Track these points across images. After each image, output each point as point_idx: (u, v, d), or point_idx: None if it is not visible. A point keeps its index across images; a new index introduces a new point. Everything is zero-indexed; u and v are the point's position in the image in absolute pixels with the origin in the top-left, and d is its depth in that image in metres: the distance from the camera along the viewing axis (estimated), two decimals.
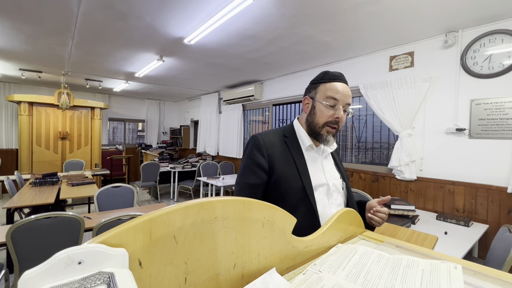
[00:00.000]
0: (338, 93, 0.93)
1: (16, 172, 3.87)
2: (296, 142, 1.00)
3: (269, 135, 0.99)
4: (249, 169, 0.95)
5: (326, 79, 0.96)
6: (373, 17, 2.24)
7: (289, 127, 1.05)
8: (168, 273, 0.38)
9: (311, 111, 0.98)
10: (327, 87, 0.95)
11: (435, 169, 2.62)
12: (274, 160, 0.94)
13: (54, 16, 2.39)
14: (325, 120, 0.94)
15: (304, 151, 0.99)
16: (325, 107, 0.94)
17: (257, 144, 0.95)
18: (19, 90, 5.67)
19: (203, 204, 0.42)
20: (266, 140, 0.96)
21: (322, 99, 0.94)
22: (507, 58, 2.17)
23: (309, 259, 0.62)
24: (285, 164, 0.94)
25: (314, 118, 0.96)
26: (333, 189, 0.98)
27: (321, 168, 1.00)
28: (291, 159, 0.95)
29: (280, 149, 0.97)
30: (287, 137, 1.00)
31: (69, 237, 1.82)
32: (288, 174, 0.93)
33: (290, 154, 0.96)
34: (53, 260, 0.29)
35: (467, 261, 0.60)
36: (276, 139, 0.98)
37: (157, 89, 5.93)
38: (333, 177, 1.01)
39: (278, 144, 0.97)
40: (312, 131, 0.98)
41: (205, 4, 2.10)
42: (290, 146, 0.98)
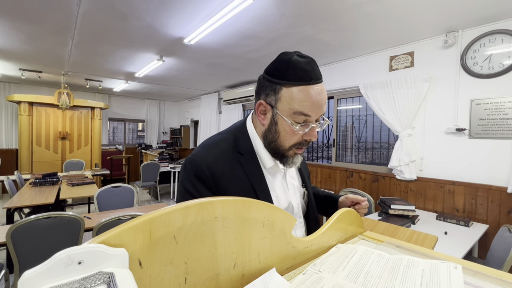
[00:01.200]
0: (312, 105, 0.64)
1: (16, 172, 3.87)
2: (254, 161, 0.73)
3: (215, 155, 0.70)
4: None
5: (291, 78, 0.65)
6: (373, 17, 2.24)
7: (242, 137, 0.75)
8: (168, 273, 0.38)
9: (270, 126, 0.70)
10: (293, 94, 0.65)
11: (435, 169, 2.62)
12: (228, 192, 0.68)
13: (54, 16, 2.39)
14: (291, 143, 0.70)
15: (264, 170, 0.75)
16: (290, 126, 0.67)
17: (200, 176, 0.67)
18: (19, 90, 5.67)
19: (203, 204, 0.42)
20: (213, 167, 0.67)
21: (286, 114, 0.66)
22: (507, 58, 2.17)
23: (309, 259, 0.62)
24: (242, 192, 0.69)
25: (277, 139, 0.70)
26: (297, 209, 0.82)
27: (286, 186, 0.80)
28: (248, 183, 0.70)
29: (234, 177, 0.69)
30: (242, 154, 0.72)
31: (69, 237, 1.83)
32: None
33: (248, 181, 0.70)
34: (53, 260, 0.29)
35: (467, 261, 0.60)
36: (226, 162, 0.70)
37: (157, 89, 5.93)
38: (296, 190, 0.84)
39: (231, 170, 0.69)
40: (274, 152, 0.73)
41: (205, 4, 2.10)
42: (246, 167, 0.71)
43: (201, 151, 0.71)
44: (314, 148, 4.20)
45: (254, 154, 0.74)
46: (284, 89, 0.65)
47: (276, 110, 0.68)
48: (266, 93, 0.69)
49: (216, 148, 0.72)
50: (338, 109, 3.65)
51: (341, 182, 3.49)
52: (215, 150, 0.71)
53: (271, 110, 0.69)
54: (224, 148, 0.72)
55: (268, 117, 0.70)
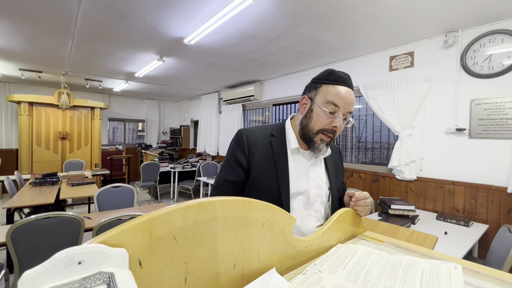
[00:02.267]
0: (341, 99, 0.83)
1: (16, 172, 3.87)
2: (283, 143, 0.91)
3: (255, 132, 0.92)
4: (228, 165, 0.90)
5: (330, 80, 0.85)
6: (373, 17, 2.24)
7: (280, 126, 0.96)
8: (168, 273, 0.38)
9: (307, 113, 0.88)
10: (329, 90, 0.84)
11: (435, 169, 2.62)
12: (255, 160, 0.87)
13: (54, 16, 2.39)
14: (320, 126, 0.85)
15: (290, 153, 0.90)
16: (323, 112, 0.84)
17: (239, 141, 0.89)
18: (19, 90, 5.67)
19: (203, 204, 0.42)
20: (250, 136, 0.89)
21: (321, 103, 0.84)
22: (507, 58, 2.17)
23: (309, 259, 0.62)
24: (264, 165, 0.87)
25: (309, 123, 0.87)
26: (315, 199, 0.90)
27: (305, 174, 0.90)
28: (272, 160, 0.87)
29: (263, 148, 0.89)
30: (275, 136, 0.92)
31: (69, 237, 1.82)
32: (266, 177, 0.86)
33: (272, 155, 0.88)
34: (53, 260, 0.29)
35: (467, 261, 0.60)
36: (261, 137, 0.91)
37: (157, 89, 5.93)
38: (317, 185, 0.92)
39: (262, 143, 0.90)
40: (304, 136, 0.89)
41: (205, 4, 2.10)
42: (275, 146, 0.90)
43: (247, 128, 0.93)
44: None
45: (284, 138, 0.92)
46: (323, 86, 0.86)
47: (314, 101, 0.87)
48: (309, 91, 0.90)
49: (258, 129, 0.94)
50: None
51: None
52: (256, 129, 0.93)
53: (310, 102, 0.88)
54: (263, 130, 0.93)
55: (307, 107, 0.89)
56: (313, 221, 0.89)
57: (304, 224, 0.87)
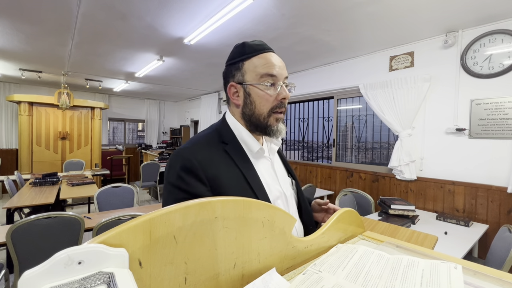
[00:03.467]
0: (273, 66, 0.71)
1: (16, 172, 3.87)
2: (240, 149, 0.73)
3: (201, 147, 0.69)
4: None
5: (248, 52, 0.72)
6: (373, 17, 2.24)
7: (224, 128, 0.76)
8: (168, 273, 0.38)
9: (245, 100, 0.73)
10: (255, 63, 0.71)
11: (435, 169, 2.62)
12: (220, 184, 0.65)
13: (54, 16, 2.39)
14: (269, 106, 0.72)
15: (252, 158, 0.74)
16: (263, 89, 0.71)
17: (188, 167, 0.63)
18: (19, 90, 5.68)
19: (203, 204, 0.42)
20: (200, 157, 0.65)
21: (255, 80, 0.71)
22: (507, 58, 2.17)
23: (309, 259, 0.62)
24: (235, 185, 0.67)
25: (254, 109, 0.72)
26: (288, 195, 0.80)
27: (274, 175, 0.79)
28: (239, 173, 0.69)
29: (223, 164, 0.68)
30: (227, 143, 0.72)
31: (69, 237, 1.83)
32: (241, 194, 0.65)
33: (237, 168, 0.69)
34: (53, 260, 0.29)
35: (467, 261, 0.60)
36: (213, 151, 0.69)
37: (157, 89, 5.93)
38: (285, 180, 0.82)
39: (218, 158, 0.69)
40: (256, 126, 0.74)
41: (205, 4, 2.10)
42: (234, 156, 0.70)
43: (185, 145, 0.70)
44: (314, 148, 4.20)
45: (238, 142, 0.74)
46: (245, 62, 0.72)
47: (245, 83, 0.72)
48: (233, 75, 0.74)
49: (201, 141, 0.71)
50: (338, 109, 3.65)
51: (341, 182, 3.49)
52: (199, 142, 0.71)
53: (242, 86, 0.72)
54: (208, 140, 0.72)
55: (241, 94, 0.73)
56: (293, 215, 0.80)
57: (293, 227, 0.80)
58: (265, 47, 0.74)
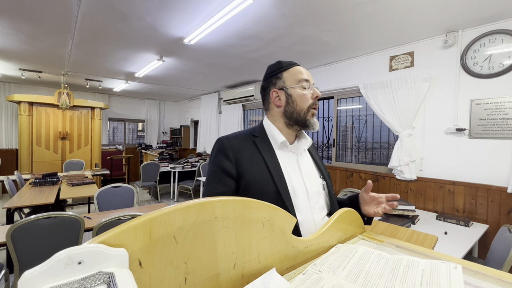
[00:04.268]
0: (305, 73, 0.91)
1: (16, 172, 3.87)
2: (267, 141, 0.90)
3: (235, 137, 0.90)
4: (214, 177, 0.84)
5: (285, 66, 0.92)
6: (373, 17, 2.24)
7: (259, 127, 0.96)
8: (168, 273, 0.38)
9: (287, 101, 0.90)
10: (292, 72, 0.90)
11: (435, 169, 2.62)
12: (243, 164, 0.83)
13: (54, 16, 2.39)
14: (308, 103, 0.89)
15: (277, 150, 0.89)
16: (302, 90, 0.89)
17: (222, 148, 0.85)
18: (19, 90, 5.67)
19: (203, 204, 0.42)
20: (232, 142, 0.87)
21: (295, 84, 0.89)
22: (507, 58, 2.17)
23: (309, 259, 0.62)
24: (255, 167, 0.83)
25: (296, 106, 0.89)
26: (313, 191, 0.88)
27: (297, 168, 0.89)
28: (261, 160, 0.84)
29: (249, 150, 0.86)
30: (257, 136, 0.90)
31: (69, 237, 1.82)
32: (259, 178, 0.82)
33: (260, 155, 0.85)
34: (53, 260, 0.29)
35: (467, 261, 0.60)
36: (243, 140, 0.89)
37: (157, 89, 5.93)
38: (311, 177, 0.91)
39: (246, 146, 0.87)
40: (297, 121, 0.90)
41: (205, 4, 2.10)
42: (260, 146, 0.88)
43: (225, 136, 0.91)
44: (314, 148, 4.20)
45: (267, 136, 0.92)
46: (284, 73, 0.91)
47: (287, 88, 0.90)
48: (274, 84, 0.92)
49: (237, 134, 0.93)
50: (338, 109, 3.65)
51: (341, 182, 3.49)
52: (236, 134, 0.92)
53: (283, 90, 0.90)
54: (243, 134, 0.93)
55: (282, 97, 0.91)
56: (318, 213, 0.86)
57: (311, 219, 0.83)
58: (295, 63, 0.94)
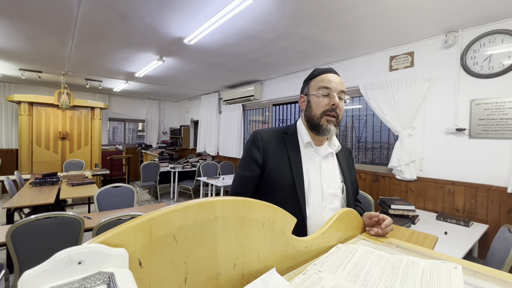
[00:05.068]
0: (329, 82, 0.94)
1: (16, 172, 3.87)
2: (295, 139, 0.99)
3: (269, 131, 1.01)
4: (244, 162, 0.98)
5: (315, 74, 0.99)
6: (373, 17, 2.24)
7: (292, 126, 1.06)
8: (168, 273, 0.38)
9: (307, 105, 0.99)
10: (317, 80, 0.97)
11: (435, 169, 2.62)
12: (269, 155, 0.95)
13: (54, 16, 2.39)
14: (322, 109, 0.94)
15: (302, 148, 0.98)
16: (319, 97, 0.94)
17: (255, 139, 0.97)
18: (19, 90, 5.67)
19: (203, 204, 0.42)
20: (264, 135, 0.98)
21: (314, 91, 0.96)
22: (507, 58, 2.17)
23: (309, 259, 0.62)
24: (279, 159, 0.94)
25: (311, 111, 0.96)
26: (328, 192, 0.93)
27: (318, 168, 0.96)
28: (285, 154, 0.95)
29: (277, 145, 0.97)
30: (287, 134, 1.01)
31: (69, 237, 1.82)
32: (280, 169, 0.92)
33: (285, 149, 0.96)
34: (53, 260, 0.29)
35: (467, 261, 0.60)
36: (275, 136, 1.00)
37: (157, 89, 5.93)
38: (331, 179, 0.96)
39: (276, 140, 0.98)
40: (312, 125, 0.97)
41: (205, 4, 2.10)
42: (288, 142, 0.98)
43: (261, 129, 1.02)
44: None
45: (296, 135, 1.01)
46: (312, 81, 0.99)
47: (308, 94, 0.99)
48: (302, 90, 1.03)
49: (271, 129, 1.04)
50: None
51: None
52: (270, 129, 1.03)
53: (306, 96, 1.00)
54: (277, 130, 1.03)
55: (305, 102, 1.00)
56: (328, 213, 0.91)
57: (319, 216, 0.90)
58: (329, 70, 0.98)
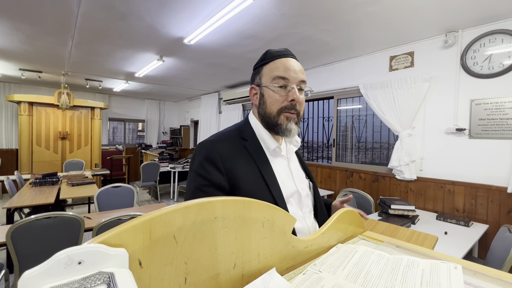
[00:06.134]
0: (287, 69, 0.76)
1: (16, 172, 3.87)
2: (258, 146, 0.80)
3: (222, 141, 0.77)
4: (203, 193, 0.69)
5: (267, 58, 0.80)
6: (373, 17, 2.24)
7: (246, 126, 0.84)
8: (168, 273, 0.38)
9: (260, 100, 0.81)
10: (271, 67, 0.78)
11: (435, 169, 2.62)
12: (237, 175, 0.72)
13: (54, 16, 2.39)
14: (278, 106, 0.77)
15: (269, 156, 0.80)
16: (273, 90, 0.77)
17: (208, 157, 0.72)
18: (19, 90, 5.67)
19: (203, 204, 0.42)
20: (221, 149, 0.73)
21: (268, 82, 0.78)
22: (507, 58, 2.17)
23: (309, 259, 0.62)
24: (250, 179, 0.73)
25: (266, 108, 0.79)
26: (304, 195, 0.84)
27: (290, 173, 0.83)
28: (255, 168, 0.75)
29: (240, 158, 0.75)
30: (246, 140, 0.80)
31: (69, 237, 1.82)
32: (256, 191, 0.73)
33: (254, 163, 0.76)
34: (53, 260, 0.29)
35: (467, 261, 0.60)
36: (233, 146, 0.77)
37: (157, 89, 5.93)
38: (301, 180, 0.87)
39: (236, 152, 0.76)
40: (268, 124, 0.80)
41: (205, 4, 2.10)
42: (252, 152, 0.77)
43: (209, 139, 0.78)
44: (314, 148, 4.20)
45: (257, 139, 0.81)
46: (264, 67, 0.80)
47: (261, 85, 0.80)
48: (253, 79, 0.84)
49: (224, 136, 0.80)
50: (338, 109, 3.65)
51: (341, 182, 3.49)
52: (222, 137, 0.79)
53: (259, 88, 0.81)
54: (230, 136, 0.80)
55: (258, 95, 0.82)
56: (308, 217, 0.84)
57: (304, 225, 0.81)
58: (285, 53, 0.80)
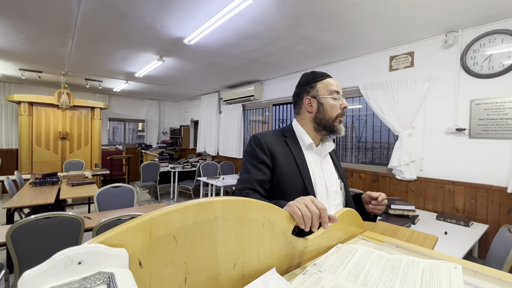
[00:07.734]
0: (337, 86, 1.02)
1: (16, 172, 3.87)
2: (296, 142, 1.03)
3: (269, 134, 1.03)
4: (254, 166, 0.96)
5: (319, 77, 1.03)
6: (373, 17, 2.24)
7: (288, 128, 1.08)
8: (168, 273, 0.38)
9: (319, 108, 1.02)
10: (325, 83, 1.02)
11: (435, 169, 2.62)
12: (276, 158, 0.96)
13: (54, 16, 2.39)
14: (337, 112, 1.00)
15: (304, 150, 1.02)
16: (333, 101, 1.00)
17: (259, 143, 0.98)
18: (19, 90, 5.67)
19: (203, 204, 0.42)
20: (267, 139, 1.00)
21: (327, 94, 1.01)
22: (507, 58, 2.16)
23: (309, 259, 0.62)
24: (286, 162, 0.96)
25: (326, 114, 1.01)
26: (331, 190, 1.00)
27: (320, 168, 1.02)
28: (291, 157, 0.98)
29: (281, 148, 1.00)
30: (287, 136, 1.04)
31: (69, 237, 1.82)
32: (289, 172, 0.95)
33: (290, 152, 0.99)
34: (53, 260, 0.29)
35: (467, 261, 0.60)
36: (276, 139, 1.02)
37: (157, 89, 5.93)
38: (331, 177, 1.03)
39: (279, 143, 1.01)
40: (325, 127, 1.02)
41: (205, 4, 2.10)
42: (290, 145, 1.01)
43: (260, 133, 1.03)
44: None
45: (296, 137, 1.05)
46: (318, 83, 1.03)
47: (319, 96, 1.02)
48: (307, 92, 1.04)
49: (270, 132, 1.06)
50: None
51: None
52: (269, 132, 1.05)
53: (315, 99, 1.02)
54: (275, 133, 1.06)
55: (314, 105, 1.02)
56: (333, 209, 0.96)
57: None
58: (327, 74, 1.05)
